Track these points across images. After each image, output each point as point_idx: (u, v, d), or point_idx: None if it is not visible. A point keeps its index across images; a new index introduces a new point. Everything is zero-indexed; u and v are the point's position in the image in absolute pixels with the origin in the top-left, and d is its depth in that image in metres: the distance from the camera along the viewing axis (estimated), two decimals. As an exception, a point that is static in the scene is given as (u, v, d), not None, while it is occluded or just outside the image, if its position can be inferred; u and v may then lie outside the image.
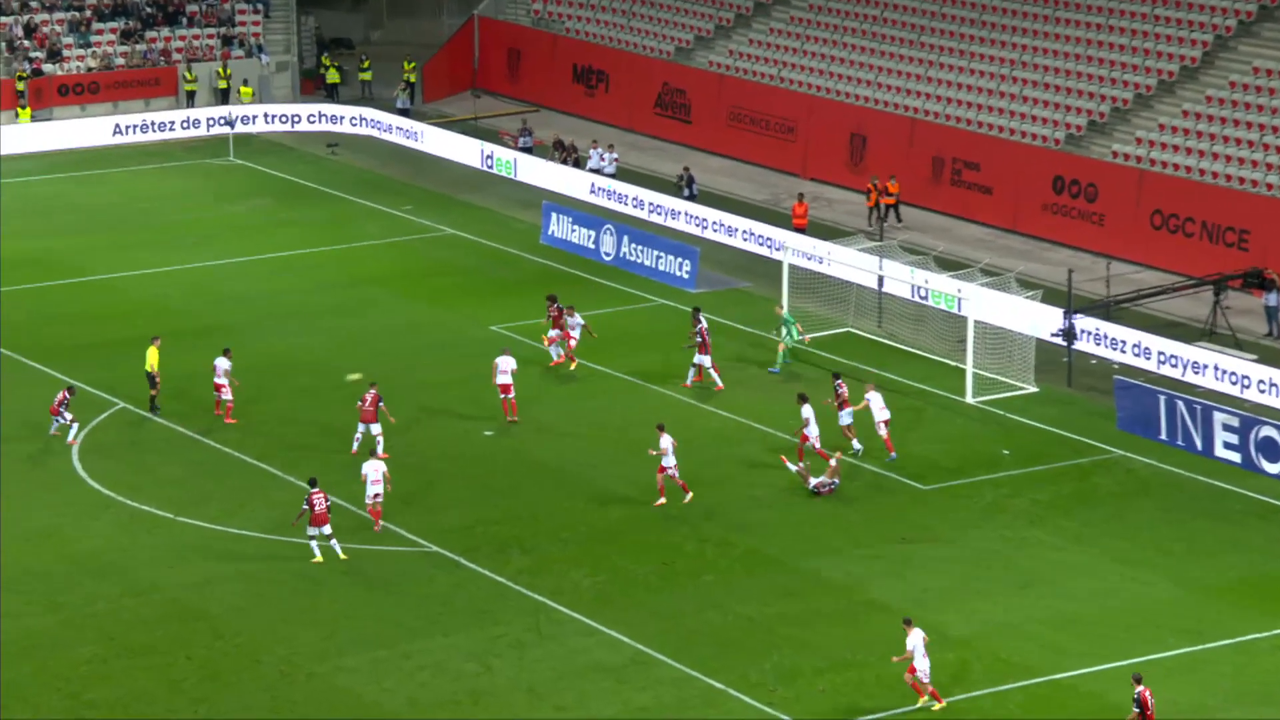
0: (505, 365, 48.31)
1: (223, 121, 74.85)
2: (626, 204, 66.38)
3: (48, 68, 76.11)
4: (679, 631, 38.73)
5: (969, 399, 50.98)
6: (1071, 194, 62.55)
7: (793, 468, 45.07)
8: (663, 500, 43.73)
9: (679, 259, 59.76)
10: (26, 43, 76.48)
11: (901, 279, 56.15)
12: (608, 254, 61.41)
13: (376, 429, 46.05)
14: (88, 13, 78.62)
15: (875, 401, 47.01)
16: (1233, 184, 59.19)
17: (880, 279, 56.07)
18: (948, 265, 56.43)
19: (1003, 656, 38.10)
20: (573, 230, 62.83)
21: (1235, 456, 46.90)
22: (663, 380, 51.67)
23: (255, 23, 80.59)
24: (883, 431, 46.82)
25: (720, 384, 50.70)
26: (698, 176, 67.85)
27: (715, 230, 63.95)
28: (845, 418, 46.78)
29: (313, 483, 41.35)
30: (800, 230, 62.01)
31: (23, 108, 74.34)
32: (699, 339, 50.85)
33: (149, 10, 79.43)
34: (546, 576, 40.96)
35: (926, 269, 55.65)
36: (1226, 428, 47.19)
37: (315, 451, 46.56)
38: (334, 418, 48.01)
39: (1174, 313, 56.17)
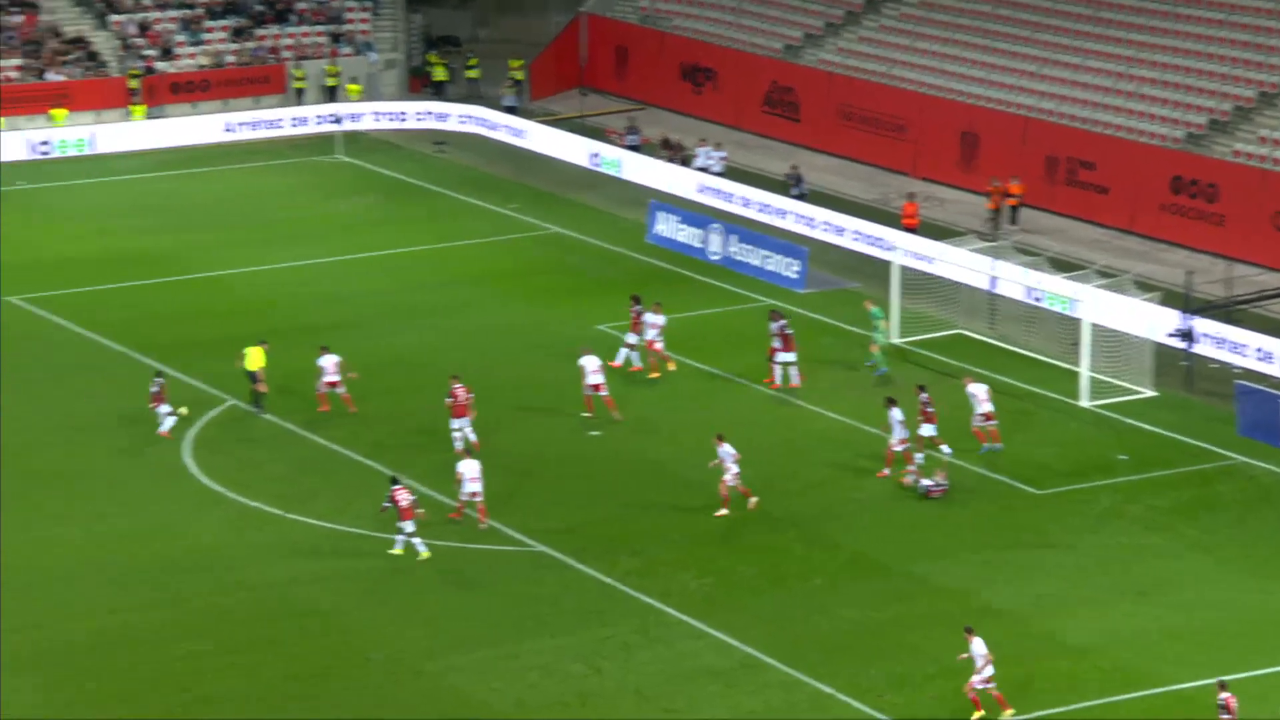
0: (591, 365, 48.21)
1: (330, 119, 75.22)
2: (734, 203, 66.14)
3: (160, 66, 76.66)
4: (787, 635, 38.48)
5: (1083, 403, 50.43)
6: (1190, 194, 61.81)
7: (908, 479, 44.69)
8: (725, 510, 43.29)
9: (787, 259, 59.46)
10: (140, 41, 77.01)
11: (1015, 280, 55.56)
12: (714, 253, 61.20)
13: (466, 424, 46.10)
14: (200, 11, 79.07)
15: (979, 394, 46.53)
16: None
17: (992, 280, 55.62)
18: (1062, 266, 55.94)
19: (1119, 665, 37.63)
20: (679, 229, 62.67)
21: (1362, 462, 46.38)
22: (763, 379, 51.31)
23: (364, 20, 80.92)
24: (979, 423, 46.36)
25: (796, 381, 50.28)
26: (806, 175, 67.53)
27: (824, 230, 63.62)
28: (927, 429, 46.14)
29: (394, 480, 41.48)
30: (910, 230, 61.57)
31: (136, 105, 74.88)
32: (779, 338, 50.42)
33: (259, 8, 79.88)
34: (654, 578, 40.79)
35: (1040, 270, 55.11)
36: (1353, 431, 46.73)
37: (421, 450, 46.55)
38: (439, 417, 47.96)
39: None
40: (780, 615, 39.37)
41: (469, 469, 42.63)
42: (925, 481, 44.42)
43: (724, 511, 43.34)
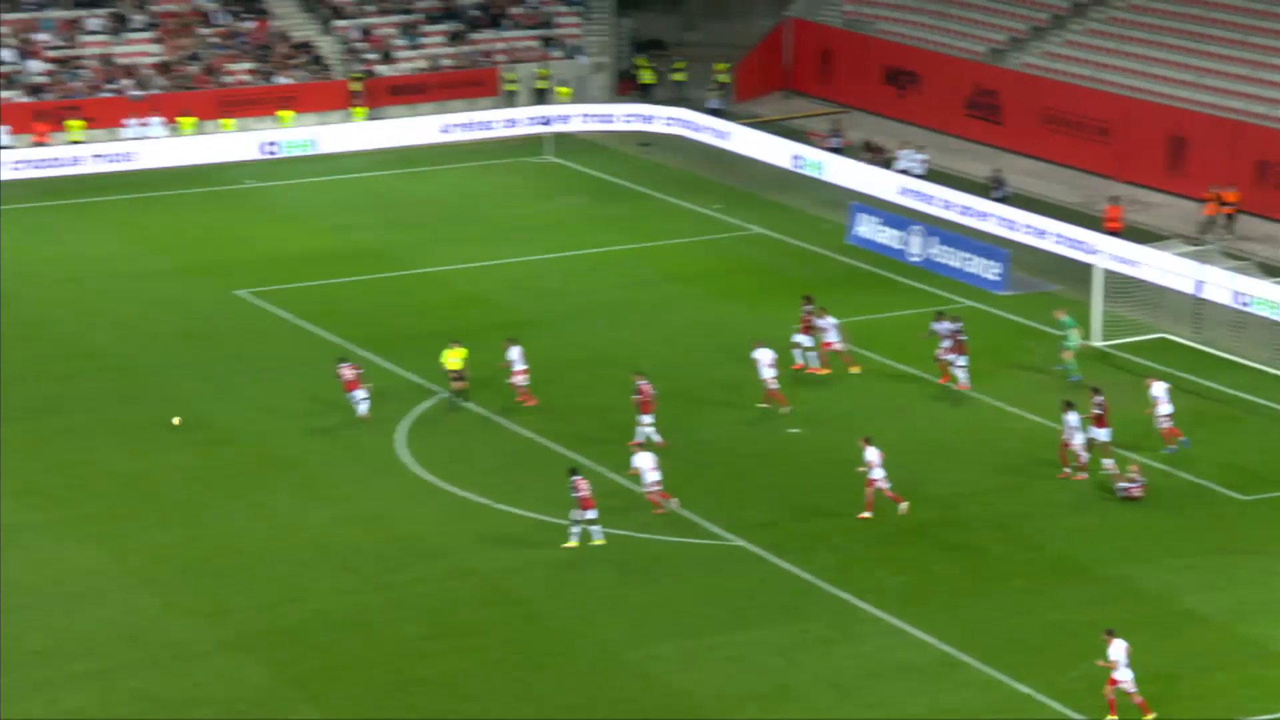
0: (765, 359, 48.44)
1: (540, 121, 75.89)
2: (935, 205, 65.92)
3: (380, 69, 77.78)
4: (987, 635, 38.26)
5: (1293, 408, 49.85)
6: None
7: (1107, 466, 44.41)
8: (868, 514, 43.06)
9: (988, 261, 59.17)
10: (362, 45, 78.19)
11: (1221, 284, 54.92)
12: (914, 255, 61.06)
13: (649, 419, 46.45)
14: (419, 16, 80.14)
15: (1160, 394, 46.11)
16: None
17: (1198, 284, 54.99)
18: (1271, 271, 55.26)
19: (1324, 673, 37.13)
20: (879, 231, 62.59)
21: None
22: (971, 382, 51.09)
23: (574, 25, 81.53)
24: (1164, 425, 45.96)
25: (961, 383, 50.10)
26: (1008, 178, 67.17)
27: (1025, 232, 63.22)
28: (1103, 435, 45.66)
29: (573, 471, 41.88)
30: (1113, 234, 61.00)
31: (357, 107, 76.04)
32: (952, 340, 50.25)
33: (475, 13, 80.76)
34: (851, 575, 40.69)
35: (1249, 274, 54.42)
36: None
37: (621, 444, 46.59)
38: (665, 414, 48.18)
39: None
40: (979, 615, 39.14)
41: (644, 461, 43.09)
42: (1121, 483, 44.12)
43: (867, 515, 43.17)
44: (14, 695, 35.86)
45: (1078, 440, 44.86)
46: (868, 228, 63.04)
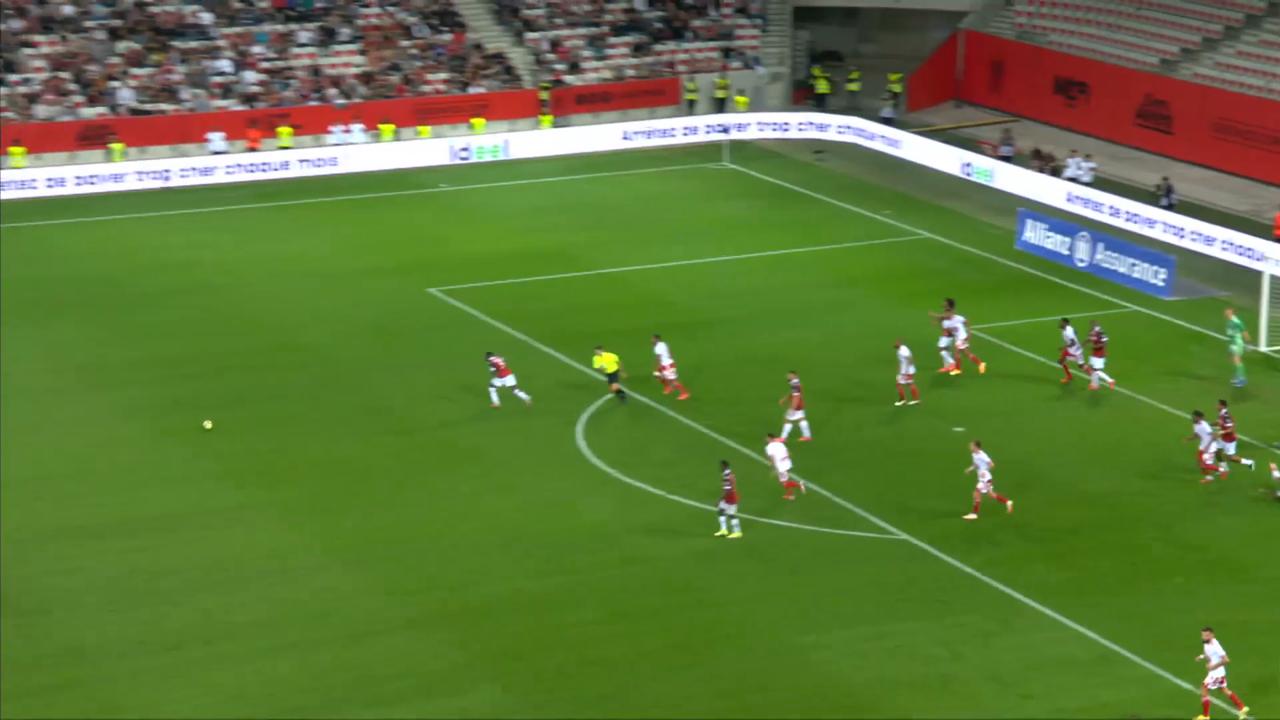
0: (905, 353, 48.51)
1: (719, 129, 75.84)
2: (1103, 212, 65.10)
3: (568, 79, 78.12)
4: (1147, 631, 37.77)
5: None
6: None
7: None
8: (974, 515, 42.37)
9: (1154, 266, 58.35)
10: (551, 56, 78.57)
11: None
12: (1081, 260, 60.34)
13: (799, 415, 46.34)
14: (605, 28, 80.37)
15: None
16: None
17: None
18: None
19: None
20: (1047, 237, 61.92)
21: None
22: (1134, 385, 50.31)
23: (753, 37, 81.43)
24: None
25: (1093, 384, 49.52)
26: (1176, 186, 66.16)
27: (1192, 239, 62.27)
28: (1228, 446, 44.58)
29: (724, 465, 41.82)
30: (1280, 240, 60.09)
31: (545, 115, 76.43)
32: (1077, 347, 49.84)
33: (658, 25, 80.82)
34: (1012, 569, 40.34)
35: None
36: None
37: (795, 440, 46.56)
38: (819, 410, 47.96)
39: None
40: (1140, 611, 38.65)
41: (777, 450, 43.20)
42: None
43: (972, 516, 42.59)
44: (225, 663, 36.59)
45: (1209, 447, 44.15)
46: (1036, 234, 62.39)
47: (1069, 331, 50.54)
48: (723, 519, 41.66)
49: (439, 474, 45.29)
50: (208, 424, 47.82)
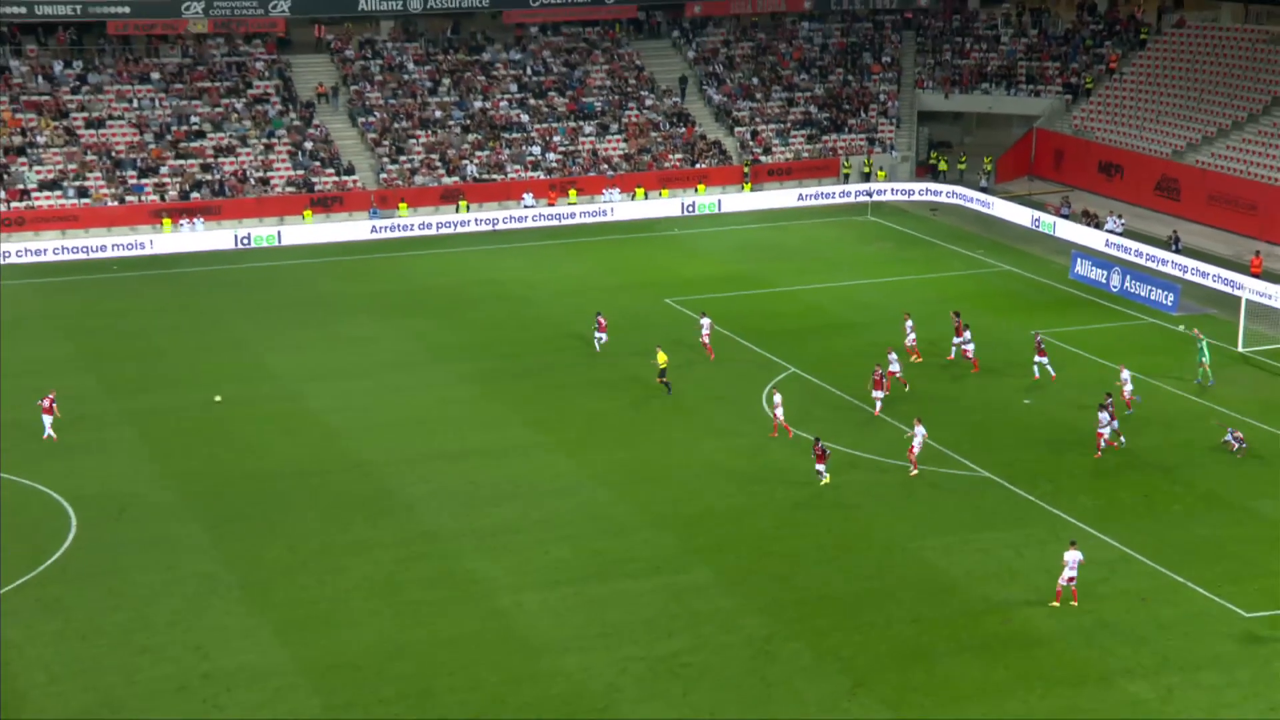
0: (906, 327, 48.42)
1: (865, 194, 75.08)
2: (1130, 254, 63.34)
3: (763, 158, 77.90)
4: (1155, 542, 37.06)
5: (1375, 398, 46.80)
6: None
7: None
8: (1098, 454, 41.15)
9: (1165, 291, 56.80)
10: (751, 143, 78.47)
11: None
12: (1115, 286, 58.85)
13: (880, 395, 45.32)
14: (788, 125, 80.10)
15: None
16: None
17: (1312, 311, 52.09)
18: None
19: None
20: (1092, 270, 60.44)
21: None
22: (1148, 372, 48.95)
23: (890, 131, 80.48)
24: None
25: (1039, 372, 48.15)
26: (1183, 237, 64.29)
27: (1192, 274, 60.36)
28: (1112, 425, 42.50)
29: (817, 439, 41.00)
30: (1256, 275, 58.05)
31: (746, 183, 76.31)
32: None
33: (825, 122, 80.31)
34: (1062, 498, 39.75)
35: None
36: None
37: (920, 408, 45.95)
38: (929, 384, 47.30)
39: None
40: (1150, 529, 37.89)
41: (919, 430, 42.21)
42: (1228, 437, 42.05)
43: (1098, 455, 42.04)
44: (524, 546, 37.07)
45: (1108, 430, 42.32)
46: (1084, 268, 60.91)
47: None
48: (820, 475, 40.55)
49: (667, 425, 45.41)
50: (218, 398, 46.63)
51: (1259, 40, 75.20)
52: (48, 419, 43.64)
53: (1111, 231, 66.24)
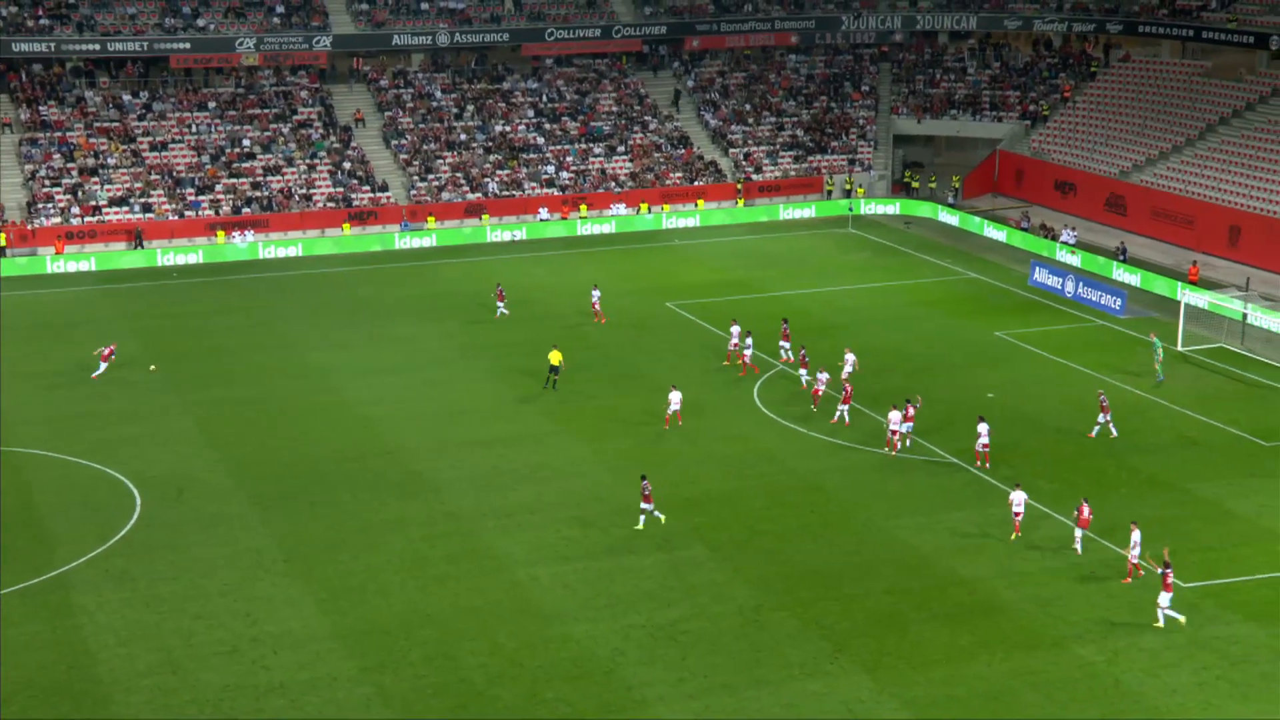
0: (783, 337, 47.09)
1: (848, 209, 74.87)
2: (1081, 263, 63.11)
3: (755, 176, 77.73)
4: (1100, 523, 36.72)
5: (1300, 392, 46.67)
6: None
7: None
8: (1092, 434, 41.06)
9: (1113, 296, 56.62)
10: (744, 163, 78.32)
11: (1259, 314, 51.67)
12: (1069, 292, 58.64)
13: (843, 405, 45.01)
14: (777, 146, 79.92)
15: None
16: None
17: (1244, 314, 51.84)
18: (1291, 308, 51.78)
19: (1314, 554, 34.72)
20: (1049, 277, 60.26)
21: None
22: (1095, 369, 48.83)
23: (868, 153, 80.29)
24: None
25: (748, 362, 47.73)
26: (1129, 248, 64.08)
27: (1138, 280, 60.16)
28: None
29: (642, 476, 37.70)
30: (1193, 283, 57.76)
31: (740, 199, 76.13)
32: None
33: (810, 144, 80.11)
34: (1025, 483, 39.26)
35: (1276, 310, 51.08)
36: None
37: (889, 398, 45.87)
38: (902, 380, 47.17)
39: None
40: (1099, 508, 37.49)
41: (894, 417, 41.96)
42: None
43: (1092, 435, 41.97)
44: (540, 526, 36.88)
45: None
46: (1041, 275, 60.72)
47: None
48: (642, 516, 36.54)
49: (686, 421, 45.12)
50: (152, 367, 47.58)
51: (1194, 74, 75.04)
52: (104, 365, 47.34)
53: (1066, 242, 66.03)
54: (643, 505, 36.55)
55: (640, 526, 36.47)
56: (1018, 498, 35.48)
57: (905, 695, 29.02)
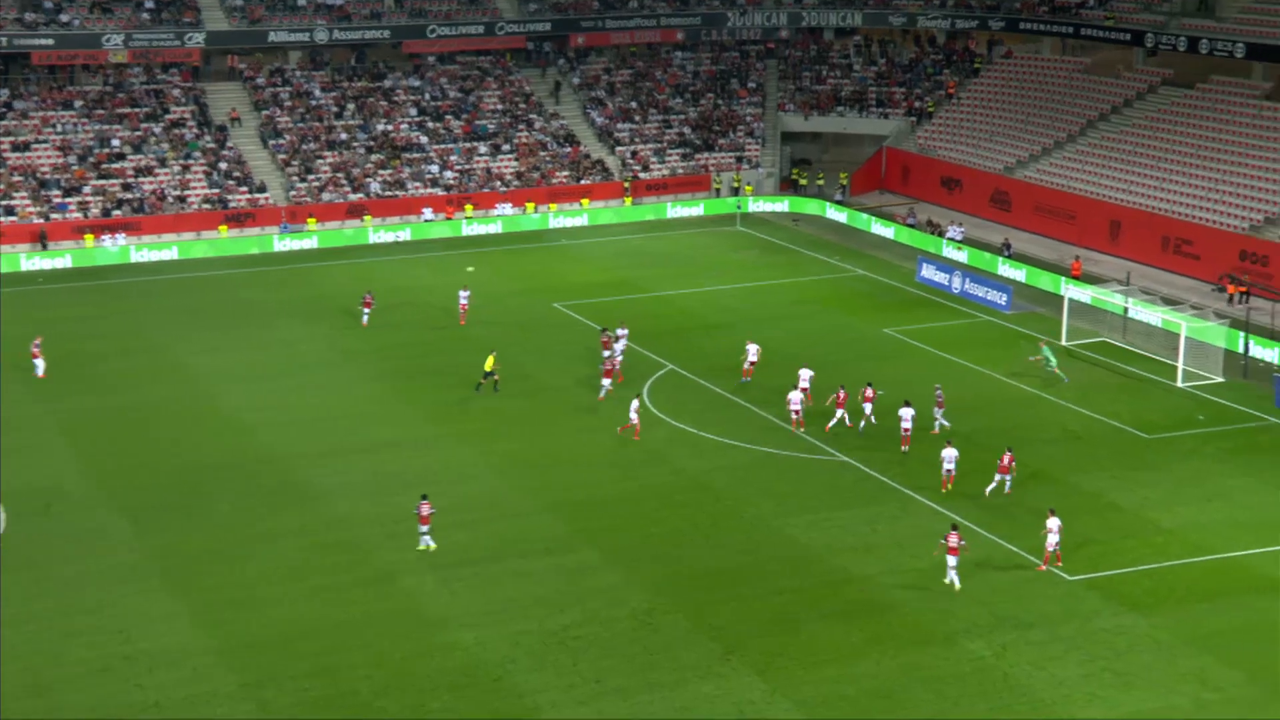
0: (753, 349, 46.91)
1: (737, 207, 75.41)
2: (968, 259, 64.31)
3: (642, 175, 77.89)
4: (991, 516, 37.46)
5: (1179, 384, 48.00)
6: (1252, 261, 58.15)
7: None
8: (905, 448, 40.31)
9: (999, 292, 57.70)
10: (631, 161, 78.39)
11: (1139, 308, 53.11)
12: (956, 288, 59.69)
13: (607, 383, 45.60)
14: (665, 145, 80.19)
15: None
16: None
17: (1125, 308, 53.26)
18: (1169, 301, 53.31)
19: (1193, 541, 35.99)
20: (936, 273, 61.22)
21: (1354, 427, 43.25)
22: (984, 364, 49.80)
23: (756, 150, 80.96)
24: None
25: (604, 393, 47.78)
26: (1013, 243, 65.47)
27: (1023, 276, 61.43)
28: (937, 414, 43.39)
29: (423, 496, 37.01)
30: (1075, 278, 59.19)
31: (627, 197, 76.22)
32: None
33: (698, 142, 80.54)
34: (910, 479, 40.07)
35: (1155, 304, 52.59)
36: (1349, 409, 43.63)
37: (762, 400, 46.15)
38: (792, 378, 47.65)
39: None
40: (987, 503, 38.47)
41: (794, 396, 42.32)
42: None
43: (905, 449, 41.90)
44: (411, 534, 36.40)
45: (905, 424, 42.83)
46: (929, 271, 61.68)
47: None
48: (422, 539, 35.39)
49: (558, 418, 45.20)
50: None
51: (1075, 70, 76.97)
52: (39, 362, 47.94)
53: (953, 239, 67.21)
54: (420, 528, 35.18)
55: (423, 548, 35.18)
56: (1053, 524, 34.17)
57: (797, 695, 29.26)
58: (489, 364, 47.11)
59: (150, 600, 33.04)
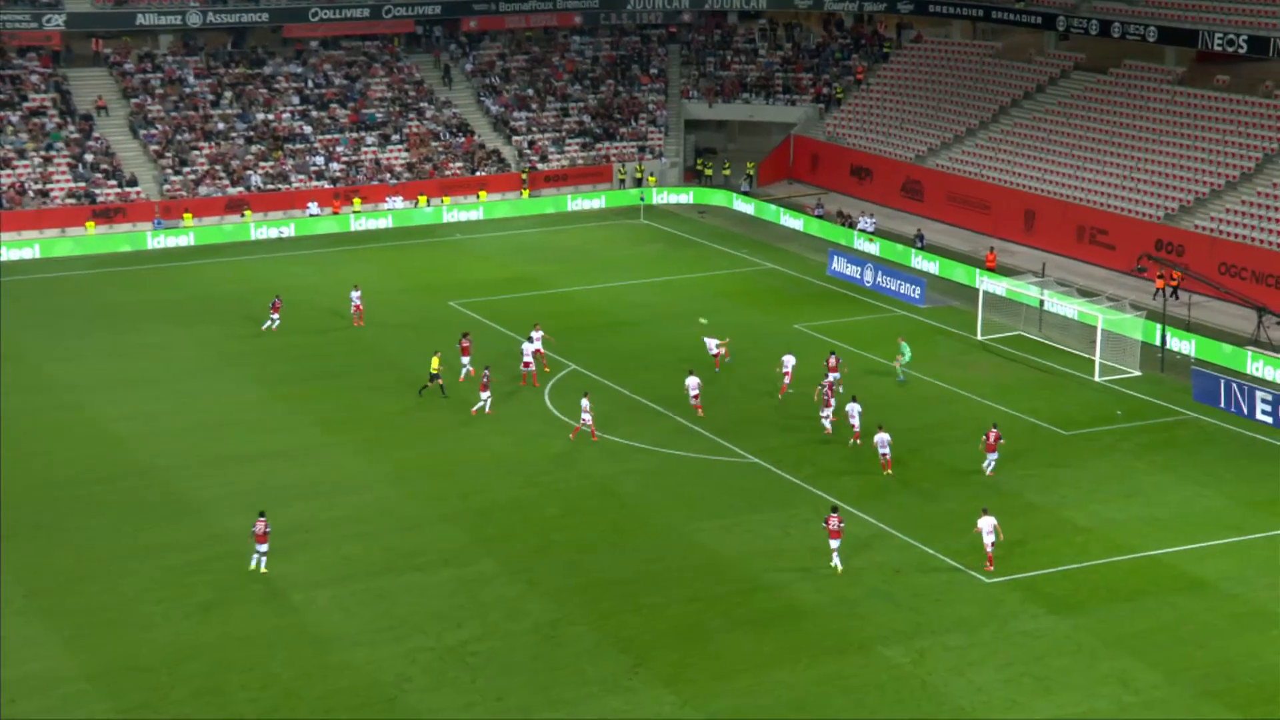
0: (691, 383, 45.76)
1: (640, 199, 75.60)
2: (880, 251, 65.20)
3: (540, 166, 77.80)
4: (908, 518, 38.05)
5: (1096, 378, 49.10)
6: (1167, 250, 59.76)
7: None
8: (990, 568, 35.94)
9: (913, 285, 58.59)
10: (529, 151, 78.33)
11: (1055, 301, 54.24)
12: (868, 281, 60.48)
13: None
14: (563, 134, 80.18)
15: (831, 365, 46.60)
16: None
17: (1041, 301, 54.36)
18: (1085, 293, 54.48)
19: (1111, 539, 36.83)
20: (848, 266, 61.99)
21: (1269, 419, 44.58)
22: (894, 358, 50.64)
23: (659, 139, 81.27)
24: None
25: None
26: (926, 235, 66.48)
27: (936, 268, 62.39)
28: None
29: (261, 513, 36.34)
30: (990, 270, 60.31)
31: (525, 189, 76.05)
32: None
33: (599, 131, 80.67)
34: (824, 480, 40.49)
35: (1071, 296, 53.75)
36: (1263, 400, 44.86)
37: (670, 400, 46.41)
38: (698, 378, 47.94)
39: (1241, 330, 53.56)
40: (903, 504, 39.03)
41: (691, 384, 42.68)
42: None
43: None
44: (319, 545, 36.33)
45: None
46: (840, 264, 62.42)
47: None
48: (255, 556, 34.76)
49: (455, 422, 45.01)
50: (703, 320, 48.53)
51: (986, 55, 78.41)
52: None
53: (864, 230, 68.05)
54: (257, 546, 34.62)
55: (254, 567, 34.68)
56: (986, 524, 34.38)
57: (708, 707, 29.45)
58: (434, 365, 46.89)
59: (16, 624, 32.29)
